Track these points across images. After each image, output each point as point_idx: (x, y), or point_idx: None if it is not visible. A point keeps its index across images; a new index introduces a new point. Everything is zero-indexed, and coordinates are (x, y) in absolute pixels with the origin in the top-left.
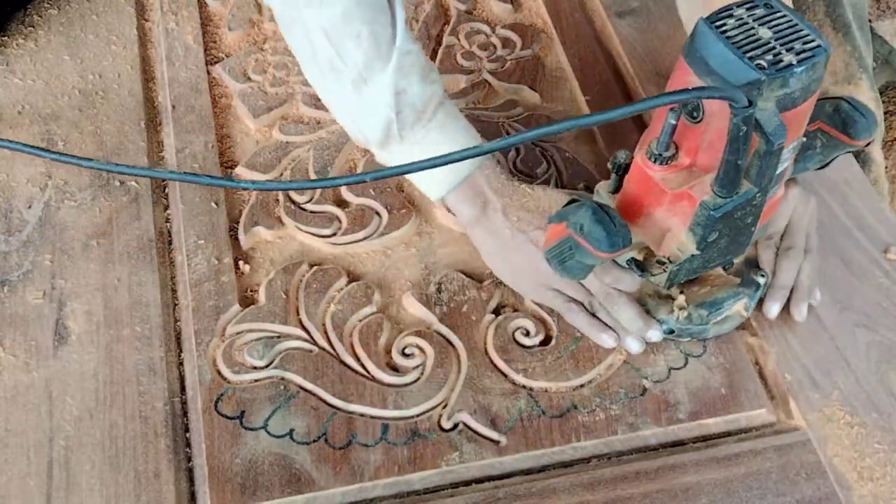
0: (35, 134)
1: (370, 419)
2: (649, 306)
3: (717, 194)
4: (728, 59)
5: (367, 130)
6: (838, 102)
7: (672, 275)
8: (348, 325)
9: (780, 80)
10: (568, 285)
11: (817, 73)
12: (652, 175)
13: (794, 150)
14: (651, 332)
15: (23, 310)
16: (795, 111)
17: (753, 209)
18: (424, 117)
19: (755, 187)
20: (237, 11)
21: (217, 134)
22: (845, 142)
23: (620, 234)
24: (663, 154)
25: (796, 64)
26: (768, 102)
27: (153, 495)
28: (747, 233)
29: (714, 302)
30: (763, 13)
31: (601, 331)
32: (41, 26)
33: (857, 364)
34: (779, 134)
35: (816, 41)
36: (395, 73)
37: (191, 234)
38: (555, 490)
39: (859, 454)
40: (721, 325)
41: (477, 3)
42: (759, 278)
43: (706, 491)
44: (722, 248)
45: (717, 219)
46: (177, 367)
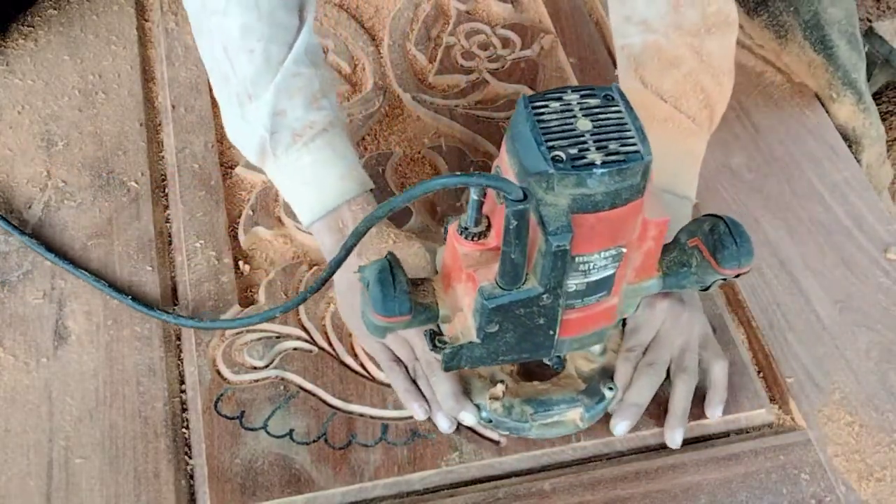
0: (35, 134)
1: (370, 419)
2: (473, 387)
3: (499, 284)
4: (529, 144)
5: (245, 146)
6: (716, 222)
7: (448, 357)
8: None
9: (574, 177)
10: (397, 343)
11: (628, 181)
12: (458, 249)
13: (611, 259)
14: (464, 413)
15: (23, 310)
16: (601, 216)
17: (543, 310)
18: (300, 141)
19: (540, 287)
20: None
21: (217, 134)
22: (714, 267)
23: (398, 301)
24: (470, 230)
25: (598, 164)
26: (560, 199)
27: (153, 495)
28: (542, 334)
29: (544, 402)
30: (596, 104)
31: (413, 400)
32: (41, 26)
33: (857, 364)
34: (560, 235)
35: (636, 147)
36: (277, 93)
37: (191, 234)
38: (555, 490)
39: (859, 454)
40: (548, 428)
41: (477, 3)
42: (607, 391)
43: (706, 491)
44: (510, 343)
45: (490, 310)
46: (177, 367)
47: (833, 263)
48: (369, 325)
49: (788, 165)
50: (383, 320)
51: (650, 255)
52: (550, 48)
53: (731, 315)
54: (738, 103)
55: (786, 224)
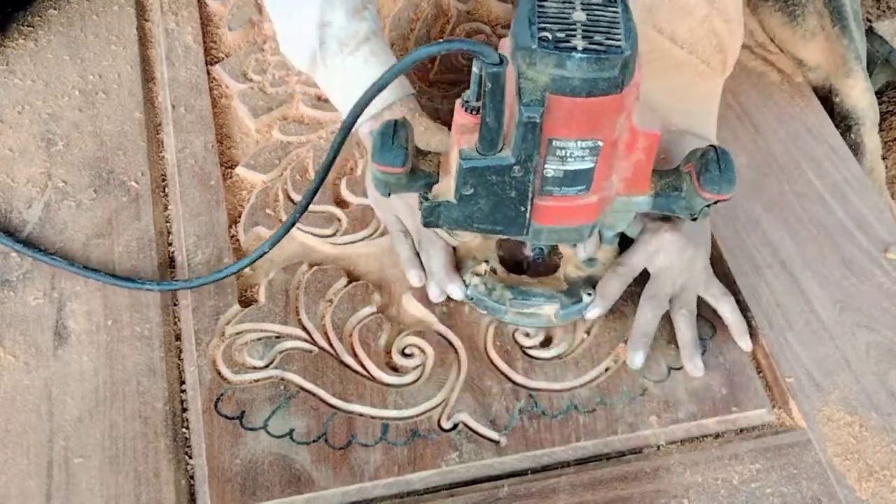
0: (35, 134)
1: (370, 419)
2: (465, 266)
3: (478, 150)
4: (523, 23)
5: (295, 56)
6: (708, 149)
7: (426, 211)
8: (348, 325)
9: (554, 57)
10: (406, 213)
11: (605, 72)
12: (457, 120)
13: (590, 149)
14: (451, 286)
15: (23, 310)
16: (578, 101)
17: (514, 182)
18: (346, 50)
19: (512, 157)
20: (237, 11)
21: (217, 134)
22: (696, 190)
23: (393, 153)
24: (471, 103)
25: (579, 49)
26: (541, 77)
27: (153, 495)
28: (514, 209)
29: (524, 292)
30: (596, 3)
31: (413, 267)
32: (41, 26)
33: (857, 364)
34: (532, 107)
35: (620, 42)
36: (322, 4)
37: (191, 234)
38: (555, 490)
39: (859, 454)
40: (523, 317)
41: (477, 3)
42: (585, 295)
43: (706, 491)
44: (484, 211)
45: (465, 170)
46: (177, 367)
47: (833, 263)
48: (374, 180)
49: (788, 165)
50: (379, 170)
51: (640, 167)
52: None
53: None
54: (738, 103)
55: (786, 224)
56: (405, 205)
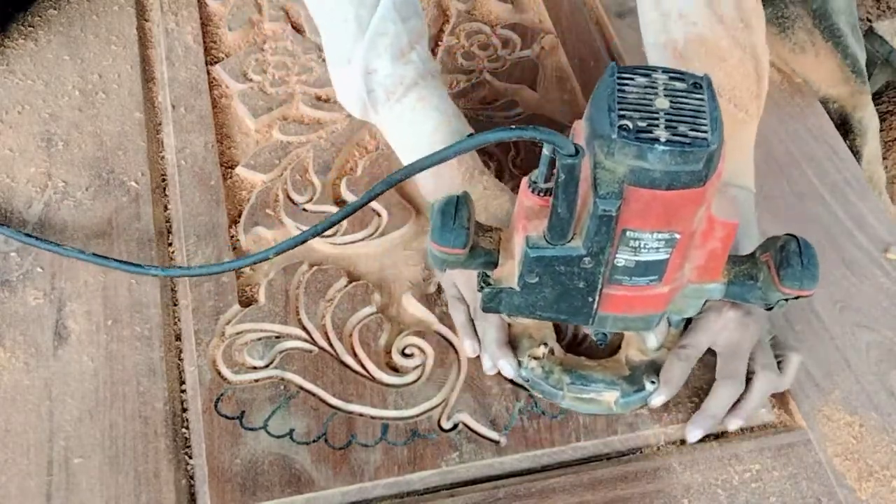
0: (35, 134)
1: (370, 419)
2: (521, 345)
3: (546, 238)
4: (603, 108)
5: (349, 105)
6: (789, 241)
7: (487, 296)
8: (348, 325)
9: (635, 148)
10: (464, 284)
11: (689, 165)
12: (524, 201)
13: (665, 242)
14: (503, 362)
15: (23, 310)
16: (656, 194)
17: (583, 273)
18: (394, 97)
19: (583, 248)
20: (237, 11)
21: (217, 134)
22: (775, 284)
23: (454, 233)
24: (539, 184)
25: (662, 141)
26: (618, 167)
27: (153, 495)
28: (580, 299)
29: (583, 376)
30: (681, 88)
31: (467, 336)
32: (41, 26)
33: (857, 364)
34: (609, 200)
35: (706, 133)
36: (367, 53)
37: (191, 234)
38: (555, 490)
39: (859, 454)
40: (582, 403)
41: (477, 3)
42: (649, 383)
43: (706, 491)
44: (548, 300)
45: (532, 259)
46: (177, 367)
47: (833, 263)
48: (430, 255)
49: (788, 166)
50: (438, 249)
51: (715, 256)
52: (550, 48)
53: None
54: None
55: (786, 224)
56: (463, 274)
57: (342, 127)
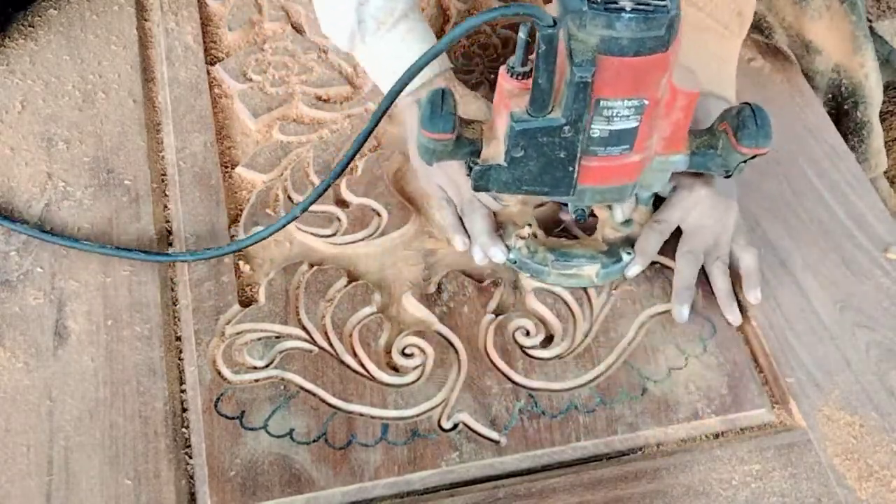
0: (35, 134)
1: (370, 419)
2: (507, 231)
3: (527, 111)
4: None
5: (336, 35)
6: (743, 107)
7: (477, 175)
8: (348, 325)
9: (604, 18)
10: (448, 184)
11: (652, 31)
12: (503, 85)
13: (635, 108)
14: (493, 249)
15: (23, 310)
16: (625, 61)
17: (564, 142)
18: (384, 28)
19: (562, 118)
20: (237, 11)
21: (217, 134)
22: (734, 146)
23: (443, 119)
24: (516, 69)
25: (628, 10)
26: (590, 37)
27: (153, 495)
28: (562, 169)
29: (565, 253)
30: None
31: (457, 232)
32: (41, 26)
33: (857, 364)
34: (585, 67)
35: (665, 2)
36: None
37: (191, 234)
38: (555, 490)
39: (859, 454)
40: (566, 278)
41: (477, 3)
42: (625, 254)
43: (706, 491)
44: (533, 172)
45: (517, 132)
46: (177, 367)
47: (833, 263)
48: (420, 148)
49: (788, 165)
50: (428, 137)
51: (678, 126)
52: None
53: None
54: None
55: (786, 224)
56: (447, 176)
57: (342, 127)
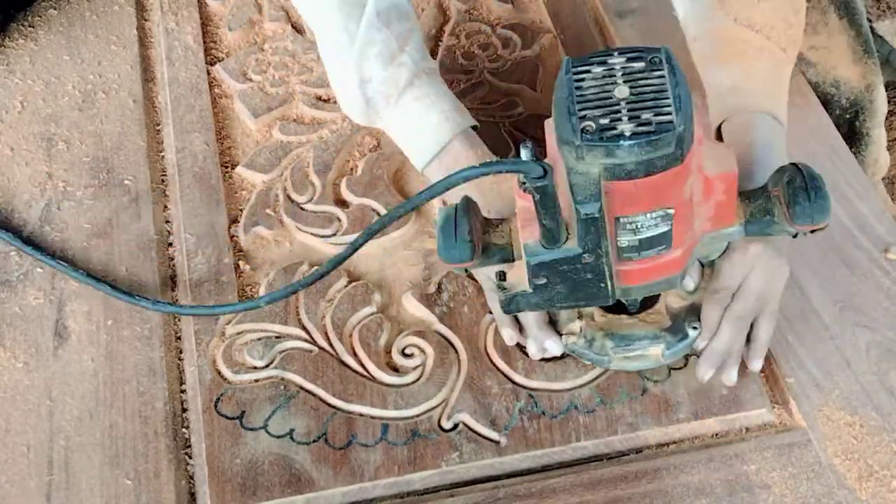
0: (35, 134)
1: (370, 419)
2: (560, 318)
3: (541, 243)
4: (563, 112)
5: (351, 115)
6: (794, 175)
7: (506, 301)
8: (348, 325)
9: (602, 149)
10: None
11: (661, 151)
12: (518, 201)
13: (660, 218)
14: (549, 343)
15: (23, 310)
16: (637, 182)
17: (588, 267)
18: (391, 101)
19: (578, 247)
20: (237, 11)
21: (217, 134)
22: (787, 222)
23: (458, 248)
24: (527, 185)
25: (627, 136)
26: (591, 168)
27: (153, 495)
28: (594, 286)
29: (626, 336)
30: (640, 68)
31: (506, 325)
32: (41, 26)
33: (857, 364)
34: (587, 204)
35: (670, 117)
36: (358, 63)
37: (191, 234)
38: (555, 490)
39: (859, 454)
40: (630, 361)
41: (477, 3)
42: (691, 329)
43: (706, 491)
44: (563, 294)
45: (534, 266)
46: (177, 367)
47: (833, 263)
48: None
49: None
50: (447, 265)
51: (722, 206)
52: (550, 48)
53: None
54: None
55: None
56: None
57: (342, 127)
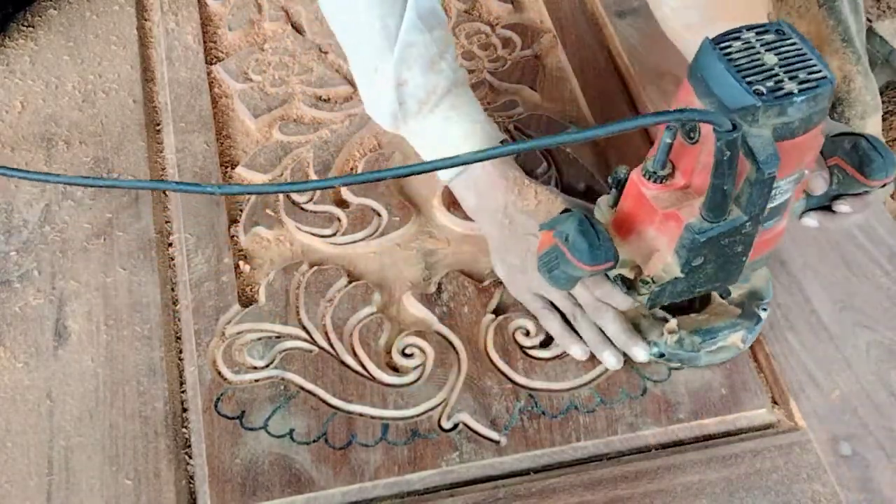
0: (35, 134)
1: (370, 419)
2: (642, 326)
3: (705, 218)
4: (727, 82)
5: (377, 115)
6: (857, 140)
7: (654, 295)
8: (348, 325)
9: (777, 108)
10: (555, 293)
11: (819, 105)
12: (645, 192)
13: (795, 181)
14: (636, 349)
15: (23, 310)
16: (794, 142)
17: (743, 238)
18: (426, 108)
19: (745, 215)
20: (237, 11)
21: (217, 134)
22: (861, 181)
23: (604, 248)
24: (658, 172)
25: (797, 93)
26: (764, 130)
27: (153, 495)
28: (737, 262)
29: (709, 330)
30: (773, 39)
31: (573, 342)
32: (41, 26)
33: (857, 364)
34: (770, 163)
35: (822, 72)
36: (397, 65)
37: (191, 234)
38: (555, 490)
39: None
40: (715, 354)
41: (477, 3)
42: (761, 312)
43: (706, 491)
44: (709, 274)
45: (701, 243)
46: (177, 367)
47: (833, 263)
48: (560, 278)
49: None
50: (588, 268)
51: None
52: (550, 48)
53: None
54: None
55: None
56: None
57: (342, 127)
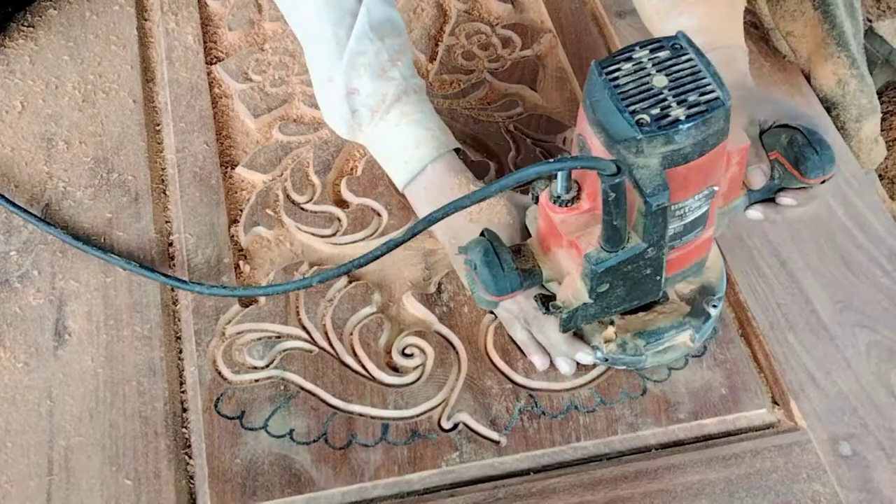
0: (35, 134)
1: (370, 419)
2: (585, 331)
3: (603, 248)
4: (611, 111)
5: (333, 125)
6: (793, 135)
7: (566, 320)
8: (348, 325)
9: (662, 138)
10: (507, 303)
11: (713, 128)
12: (552, 217)
13: (706, 197)
14: (580, 354)
15: (23, 310)
16: (690, 166)
17: (649, 262)
18: (377, 115)
19: (644, 243)
20: (237, 11)
21: (217, 134)
22: (799, 178)
23: (508, 278)
24: (562, 197)
25: (684, 119)
26: (651, 159)
27: (153, 495)
28: (650, 281)
29: (654, 332)
30: (666, 56)
31: (535, 351)
32: (41, 26)
33: (857, 364)
34: (658, 195)
35: (715, 93)
36: (347, 73)
37: (191, 234)
38: (555, 490)
39: (859, 454)
40: (662, 355)
41: (477, 3)
42: (711, 309)
43: (707, 491)
44: (621, 296)
45: (599, 273)
46: (177, 367)
47: (833, 263)
48: (481, 301)
49: None
50: (496, 299)
51: (735, 178)
52: (550, 48)
53: (732, 315)
54: None
55: (786, 223)
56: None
57: None
